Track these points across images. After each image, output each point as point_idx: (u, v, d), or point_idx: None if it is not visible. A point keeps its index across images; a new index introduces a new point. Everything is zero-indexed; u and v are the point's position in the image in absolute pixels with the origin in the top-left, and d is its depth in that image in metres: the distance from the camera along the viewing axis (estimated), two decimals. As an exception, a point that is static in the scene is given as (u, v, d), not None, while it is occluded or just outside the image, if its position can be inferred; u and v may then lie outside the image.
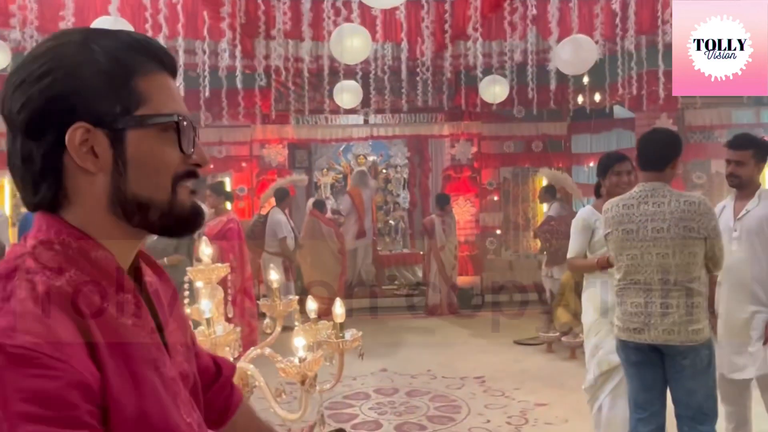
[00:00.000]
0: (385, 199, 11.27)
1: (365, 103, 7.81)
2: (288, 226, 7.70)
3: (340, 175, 11.20)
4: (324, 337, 1.98)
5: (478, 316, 8.49)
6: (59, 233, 0.79)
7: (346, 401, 4.91)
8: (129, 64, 0.81)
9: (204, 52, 6.05)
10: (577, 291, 6.47)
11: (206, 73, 6.36)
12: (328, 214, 9.33)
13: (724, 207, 3.54)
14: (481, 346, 6.77)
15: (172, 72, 0.88)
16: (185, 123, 0.84)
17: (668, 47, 6.26)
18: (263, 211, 8.15)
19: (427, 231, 8.73)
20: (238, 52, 5.88)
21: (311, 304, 2.12)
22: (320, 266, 8.12)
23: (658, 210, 2.83)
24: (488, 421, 4.48)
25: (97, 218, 0.81)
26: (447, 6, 5.54)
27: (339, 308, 2.00)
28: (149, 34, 5.36)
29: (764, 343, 3.26)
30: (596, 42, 5.27)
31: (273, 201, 8.01)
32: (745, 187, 3.43)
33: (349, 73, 6.96)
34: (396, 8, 5.10)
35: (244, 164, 9.04)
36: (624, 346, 2.97)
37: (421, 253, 9.63)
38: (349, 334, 1.99)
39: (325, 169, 11.19)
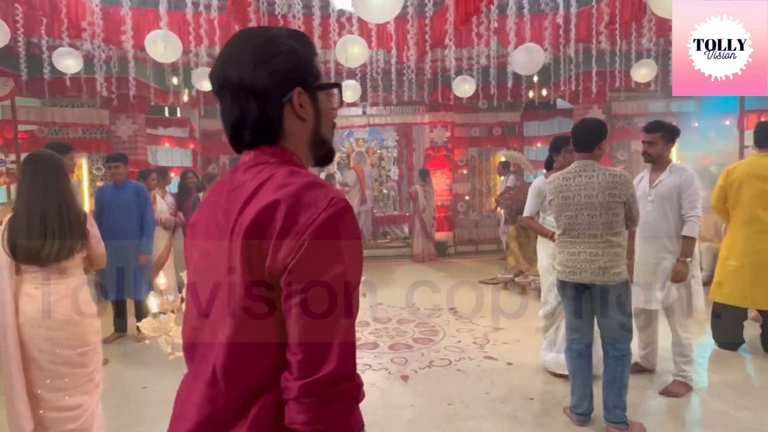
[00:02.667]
0: (380, 173, 11.26)
1: (363, 97, 7.70)
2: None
3: (344, 155, 11.14)
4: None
5: (451, 262, 8.57)
6: (290, 155, 0.93)
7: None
8: (312, 51, 0.97)
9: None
10: (519, 241, 6.54)
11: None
12: (336, 185, 9.31)
13: (642, 177, 3.53)
14: (453, 285, 6.83)
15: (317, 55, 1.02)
16: (340, 91, 1.02)
17: (601, 52, 6.20)
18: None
19: (412, 197, 8.74)
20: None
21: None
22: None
23: (589, 181, 2.81)
24: (459, 342, 4.54)
25: (300, 151, 0.96)
26: (427, 20, 5.43)
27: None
28: (192, 44, 5.26)
29: (672, 281, 3.31)
30: (545, 49, 5.20)
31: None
32: (657, 162, 3.42)
33: (351, 74, 6.87)
34: (387, 22, 5.02)
35: (269, 147, 8.96)
36: (562, 285, 2.98)
37: (408, 214, 9.65)
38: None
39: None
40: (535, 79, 7.81)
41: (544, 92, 8.43)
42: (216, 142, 8.76)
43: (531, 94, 8.46)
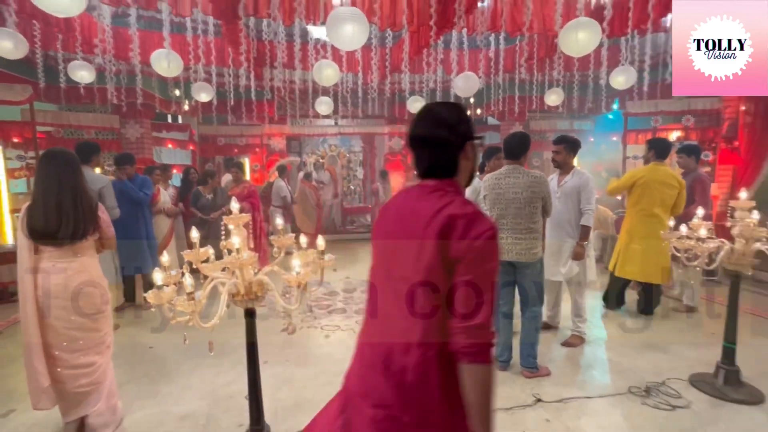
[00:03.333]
0: (348, 173, 11.16)
1: (335, 111, 7.59)
2: (286, 190, 7.52)
3: (320, 158, 10.97)
4: (312, 259, 1.97)
5: (404, 245, 8.62)
6: (459, 188, 1.19)
7: (324, 297, 4.92)
8: (468, 115, 1.21)
9: (230, 75, 5.68)
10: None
11: (231, 89, 6.00)
12: (313, 182, 9.17)
13: (552, 179, 3.63)
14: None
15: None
16: (481, 139, 1.44)
17: (522, 81, 6.32)
18: (271, 179, 7.92)
19: (374, 193, 8.70)
20: (252, 76, 5.55)
21: (303, 239, 2.10)
22: (305, 214, 8.01)
23: (516, 181, 2.87)
24: (410, 307, 4.59)
25: (462, 181, 1.20)
26: (387, 50, 5.39)
27: (320, 241, 1.99)
28: (191, 63, 5.02)
29: (573, 259, 3.43)
30: (479, 76, 5.26)
31: (277, 173, 7.80)
32: (562, 167, 3.52)
33: (325, 91, 6.74)
34: (355, 50, 4.94)
35: (257, 150, 8.69)
36: None
37: (370, 206, 9.62)
38: (327, 257, 1.99)
39: (310, 153, 10.93)
40: (472, 100, 7.91)
41: (479, 111, 8.55)
42: (212, 144, 8.44)
43: (468, 112, 8.56)
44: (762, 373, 2.91)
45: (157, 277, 1.65)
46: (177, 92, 6.94)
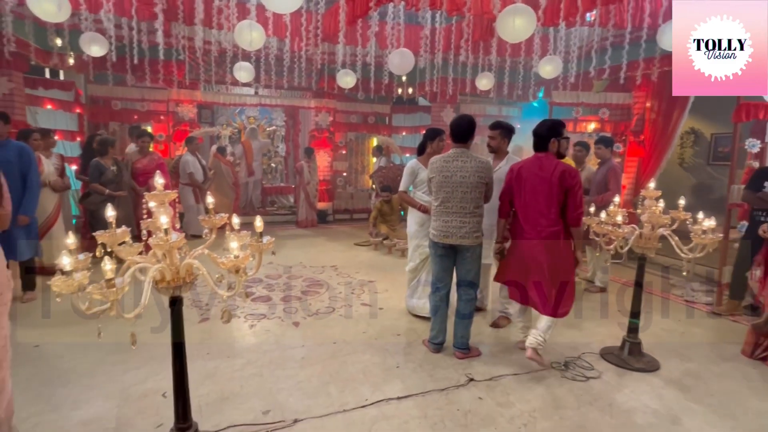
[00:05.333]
0: (269, 149, 10.75)
1: (257, 79, 7.23)
2: (196, 165, 7.05)
3: (236, 130, 10.41)
4: (248, 242, 1.91)
5: (331, 228, 8.60)
6: (555, 156, 3.05)
7: (246, 284, 4.76)
8: (560, 127, 3.05)
9: (131, 28, 5.11)
10: (382, 212, 6.79)
11: (133, 44, 5.41)
12: (229, 157, 8.69)
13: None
14: (334, 247, 6.91)
15: (564, 126, 3.16)
16: (566, 139, 3.39)
17: (457, 63, 6.56)
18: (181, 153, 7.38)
19: (298, 172, 8.51)
20: (160, 31, 5.05)
21: (236, 219, 2.03)
22: (220, 193, 7.61)
23: (464, 165, 2.99)
24: (340, 292, 4.63)
25: (555, 155, 3.08)
26: (319, 17, 5.25)
27: (258, 222, 1.93)
28: (83, 8, 4.45)
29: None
30: (419, 55, 5.35)
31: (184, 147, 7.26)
32: (497, 152, 3.73)
33: (246, 56, 6.39)
34: (283, 13, 4.74)
35: (162, 117, 7.98)
36: (435, 245, 3.14)
37: (293, 186, 9.41)
38: (265, 239, 1.94)
39: (224, 125, 10.30)
40: (404, 79, 8.03)
41: (410, 90, 8.70)
42: (104, 108, 7.54)
43: (400, 91, 8.67)
44: (658, 343, 3.46)
45: (66, 261, 1.50)
46: (59, 42, 6.08)
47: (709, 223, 2.95)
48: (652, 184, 3.19)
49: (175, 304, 1.91)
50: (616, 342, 3.36)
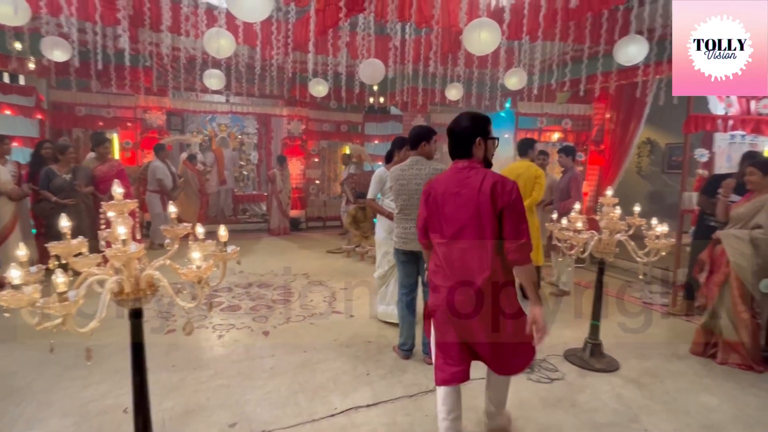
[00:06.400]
0: (241, 156, 10.58)
1: (228, 87, 7.12)
2: (166, 171, 6.86)
3: (207, 138, 10.20)
4: (212, 252, 1.87)
5: (303, 236, 8.52)
6: (482, 164, 2.04)
7: (215, 293, 4.66)
8: (486, 124, 2.05)
9: (96, 33, 4.94)
10: (356, 219, 6.79)
11: (98, 50, 5.23)
12: (199, 166, 8.51)
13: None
14: (306, 255, 6.84)
15: (491, 124, 2.13)
16: (495, 141, 2.10)
17: (426, 74, 6.65)
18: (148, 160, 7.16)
19: (270, 180, 8.41)
20: (126, 37, 4.91)
21: (200, 229, 1.97)
22: (187, 201, 7.44)
23: (419, 173, 3.02)
24: (311, 300, 4.58)
25: (479, 162, 2.05)
26: (290, 26, 5.23)
27: (222, 231, 1.89)
28: (43, 11, 4.28)
29: None
30: (388, 66, 5.40)
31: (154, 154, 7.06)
32: None
33: (216, 63, 6.29)
34: (254, 22, 4.70)
35: (129, 124, 7.75)
36: (397, 252, 3.16)
37: (266, 194, 9.28)
38: (230, 249, 1.90)
39: (195, 132, 10.08)
40: (376, 88, 8.08)
41: (382, 100, 8.76)
42: (68, 114, 7.26)
43: (372, 100, 8.72)
44: (617, 344, 3.57)
45: (15, 274, 1.42)
46: (19, 46, 5.82)
47: (662, 228, 3.08)
48: (609, 192, 3.31)
49: (137, 316, 1.84)
50: (579, 344, 3.45)
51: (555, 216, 3.45)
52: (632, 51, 4.27)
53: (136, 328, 1.85)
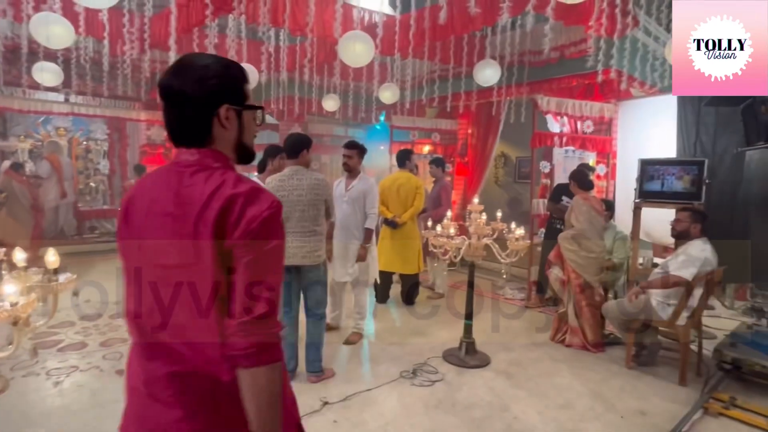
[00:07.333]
0: (86, 165, 9.06)
1: (66, 84, 6.03)
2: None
3: (39, 143, 8.50)
4: (36, 282, 1.48)
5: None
6: (227, 159, 1.02)
7: (51, 330, 3.83)
8: (244, 79, 1.03)
9: None
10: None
11: None
12: (25, 176, 7.03)
13: (340, 182, 3.84)
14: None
15: (249, 83, 1.06)
16: (261, 110, 1.09)
17: (303, 82, 6.50)
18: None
19: (125, 191, 7.35)
20: None
21: (19, 255, 1.57)
22: (14, 220, 6.10)
23: (299, 183, 2.91)
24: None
25: (227, 152, 1.03)
26: (146, 20, 4.64)
27: (52, 256, 1.53)
28: None
29: (356, 261, 3.72)
30: (261, 72, 5.14)
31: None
32: (352, 171, 3.76)
33: (50, 55, 5.27)
34: (99, 10, 4.06)
35: None
36: None
37: (119, 208, 8.07)
38: (63, 278, 1.54)
39: (22, 136, 8.33)
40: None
41: (256, 107, 8.35)
42: None
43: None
44: (487, 340, 3.86)
45: None
46: None
47: (520, 231, 3.43)
48: (476, 200, 3.59)
49: None
50: (455, 343, 3.64)
51: (430, 223, 3.61)
52: (488, 73, 4.75)
53: None
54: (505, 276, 4.14)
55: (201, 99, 0.96)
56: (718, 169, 4.56)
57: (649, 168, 4.18)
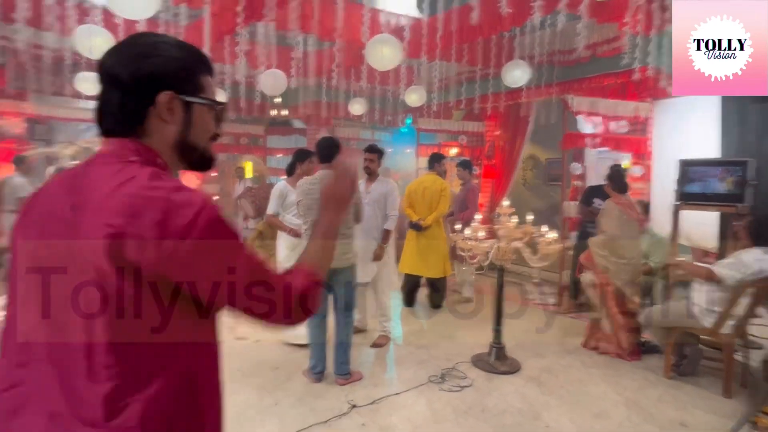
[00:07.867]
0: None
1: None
2: (28, 188, 5.81)
3: (83, 149, 8.93)
4: None
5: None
6: (155, 155, 0.81)
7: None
8: (201, 66, 0.85)
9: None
10: (263, 236, 6.42)
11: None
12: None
13: (360, 185, 3.88)
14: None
15: (212, 75, 0.89)
16: (222, 109, 0.90)
17: (332, 87, 6.57)
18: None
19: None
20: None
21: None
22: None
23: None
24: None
25: (165, 151, 0.83)
26: (180, 29, 4.78)
27: None
28: None
29: (373, 260, 3.72)
30: (290, 77, 5.22)
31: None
32: (372, 175, 3.82)
33: (90, 66, 5.53)
34: (137, 21, 4.22)
35: (-25, 132, 6.46)
36: None
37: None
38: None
39: (67, 144, 8.76)
40: (278, 100, 7.79)
41: (286, 112, 8.50)
42: None
43: (274, 112, 8.41)
44: (518, 345, 3.77)
45: None
46: None
47: (553, 234, 3.34)
48: (506, 202, 3.52)
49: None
50: (485, 349, 3.57)
51: (459, 227, 3.57)
52: (517, 74, 4.66)
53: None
54: (535, 280, 4.04)
55: (134, 81, 0.77)
56: (766, 170, 4.31)
57: (689, 169, 3.99)
